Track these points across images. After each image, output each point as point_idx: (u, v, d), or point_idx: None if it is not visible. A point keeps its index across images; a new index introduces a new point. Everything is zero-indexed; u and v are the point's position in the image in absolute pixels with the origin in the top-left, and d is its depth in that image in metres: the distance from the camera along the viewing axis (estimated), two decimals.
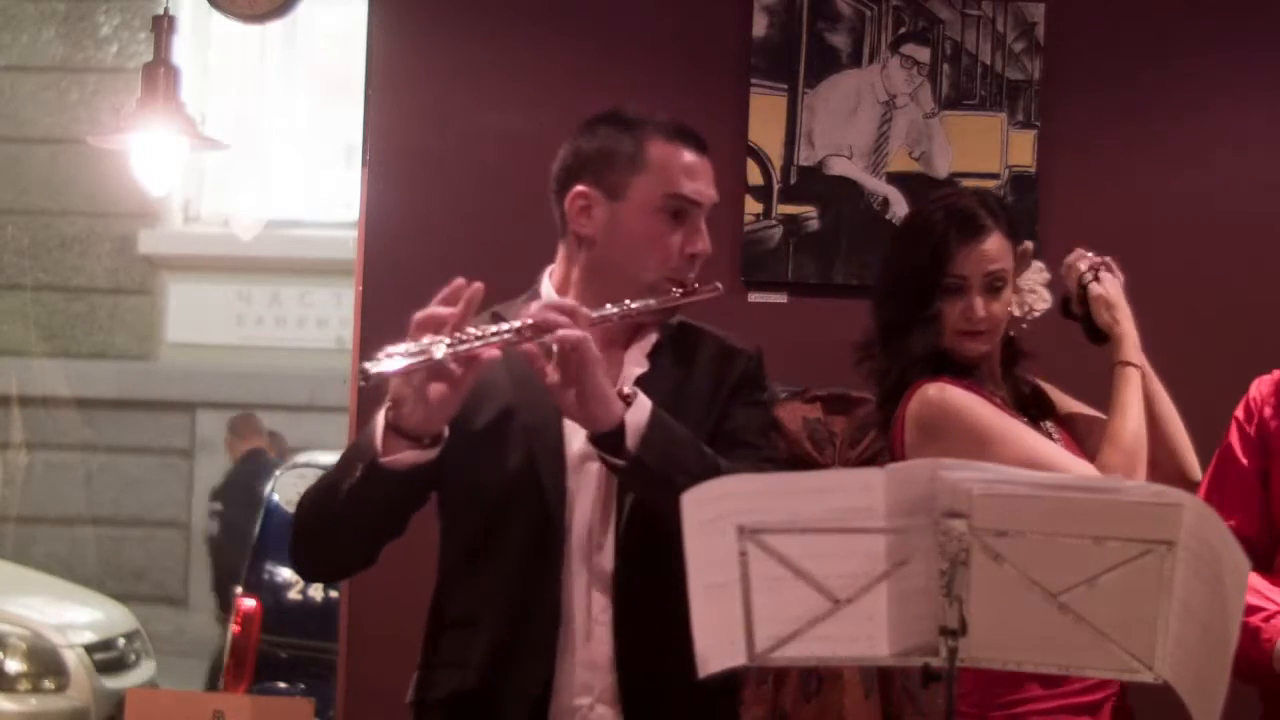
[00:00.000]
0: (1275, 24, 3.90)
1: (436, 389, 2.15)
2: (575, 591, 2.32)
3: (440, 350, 2.12)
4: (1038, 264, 2.73)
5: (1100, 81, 3.91)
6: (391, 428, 2.19)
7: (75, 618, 6.53)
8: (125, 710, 3.05)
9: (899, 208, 3.87)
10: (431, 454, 2.21)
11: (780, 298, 3.90)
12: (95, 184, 9.40)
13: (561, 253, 2.45)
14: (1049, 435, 2.67)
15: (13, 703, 6.01)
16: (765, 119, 3.89)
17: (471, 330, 2.17)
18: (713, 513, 1.91)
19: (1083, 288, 2.68)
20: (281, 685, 5.45)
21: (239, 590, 5.98)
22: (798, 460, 3.75)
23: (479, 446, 2.34)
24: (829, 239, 3.89)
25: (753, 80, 3.90)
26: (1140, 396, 2.59)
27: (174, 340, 10.68)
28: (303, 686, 5.33)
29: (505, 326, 2.19)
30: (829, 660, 2.38)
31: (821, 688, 3.60)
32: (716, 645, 1.94)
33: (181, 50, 4.67)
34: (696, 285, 2.41)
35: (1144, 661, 1.91)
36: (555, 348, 2.18)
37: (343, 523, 2.29)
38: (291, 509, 5.58)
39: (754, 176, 3.89)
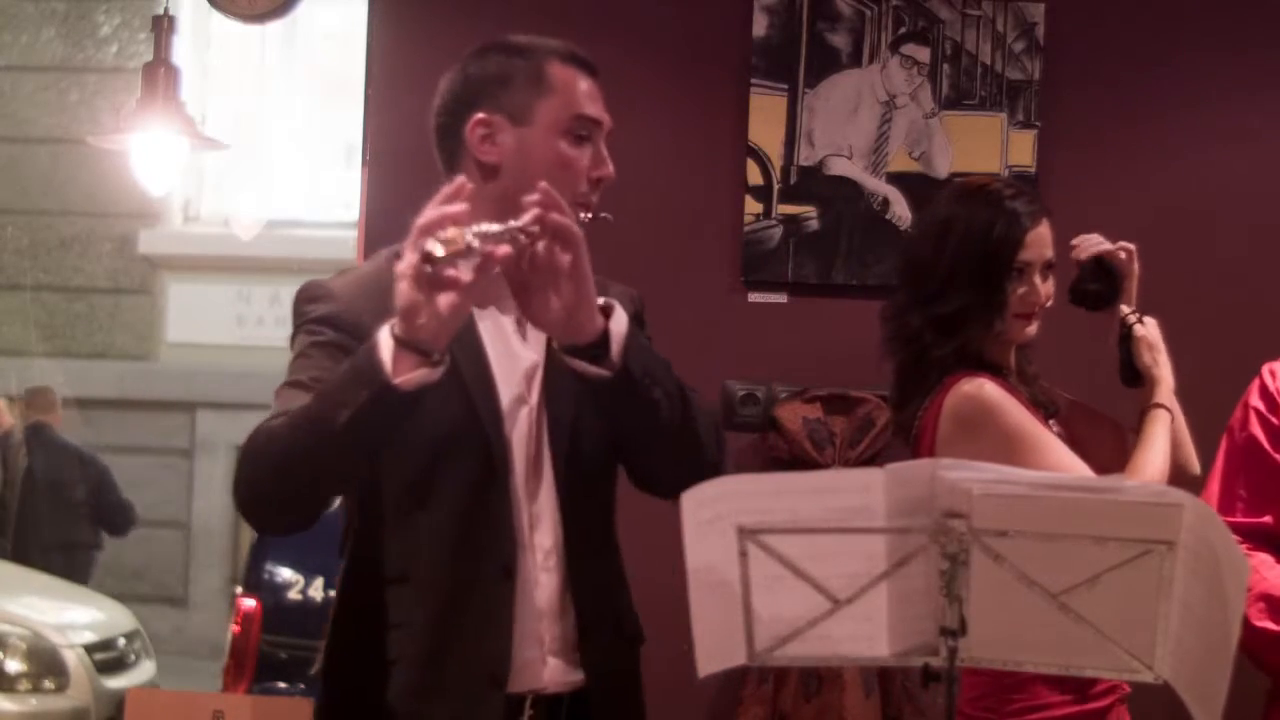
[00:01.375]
0: (1275, 24, 3.90)
1: (446, 297, 2.01)
2: (520, 538, 2.25)
3: (475, 240, 1.98)
4: None
5: (1100, 81, 3.91)
6: (402, 342, 2.03)
7: (75, 618, 6.53)
8: (125, 710, 3.05)
9: (899, 208, 3.87)
10: (439, 372, 2.05)
11: (780, 298, 3.90)
12: (95, 184, 9.40)
13: None
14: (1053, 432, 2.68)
15: (13, 703, 6.00)
16: (765, 119, 3.89)
17: (484, 227, 2.02)
18: (713, 513, 1.91)
19: (1127, 328, 2.71)
20: (281, 685, 5.44)
21: (239, 590, 5.97)
22: (798, 460, 3.75)
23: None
24: (829, 239, 3.89)
25: (753, 80, 3.90)
26: (1168, 438, 2.62)
27: (174, 340, 10.68)
28: (303, 686, 5.32)
29: (512, 224, 2.04)
30: (829, 660, 2.38)
31: (821, 688, 3.61)
32: (716, 645, 1.94)
33: (181, 50, 4.68)
34: (598, 214, 2.31)
35: (1144, 661, 1.91)
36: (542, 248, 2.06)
37: (327, 459, 2.12)
38: None
39: (754, 176, 3.89)
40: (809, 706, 3.60)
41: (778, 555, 1.90)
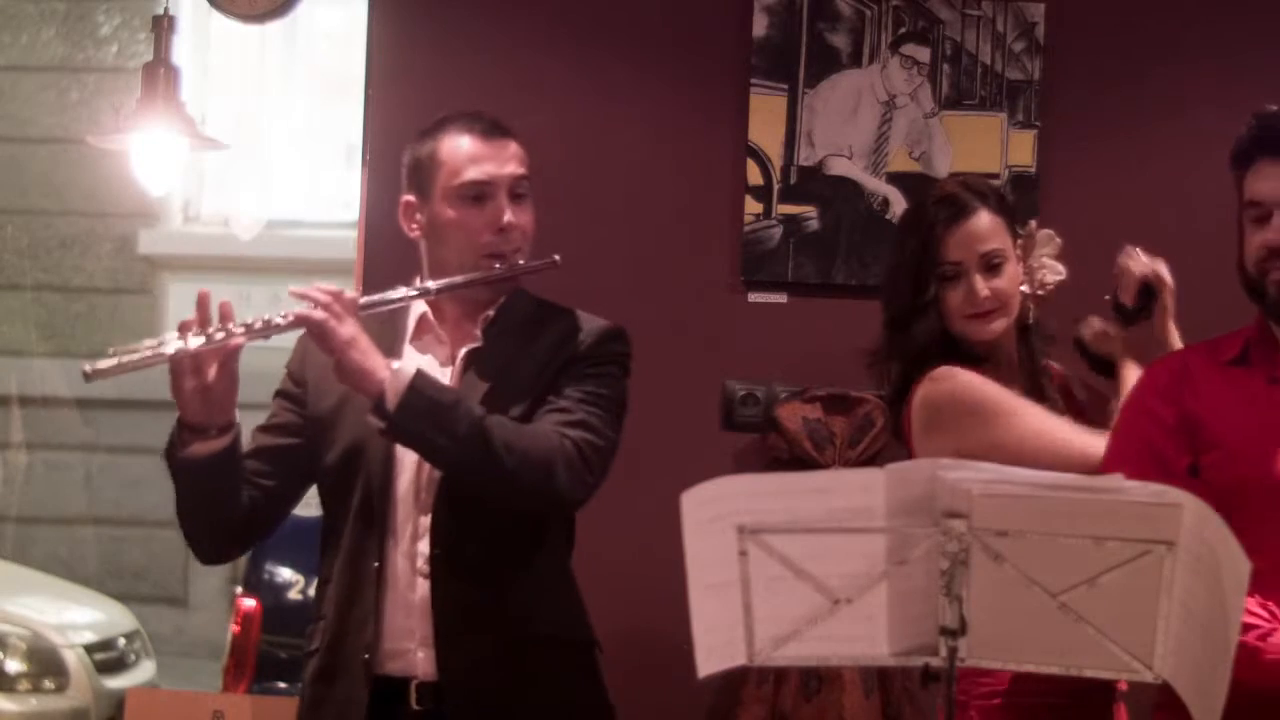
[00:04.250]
0: (1275, 23, 3.90)
1: (206, 383, 2.45)
2: (400, 545, 2.54)
3: (171, 347, 2.40)
4: (1046, 232, 2.76)
5: (1100, 81, 3.90)
6: (180, 423, 2.52)
7: (75, 618, 6.52)
8: (125, 710, 3.06)
9: (899, 208, 3.87)
10: (218, 444, 2.49)
11: (780, 298, 3.90)
12: (95, 184, 9.38)
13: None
14: None
15: (13, 703, 6.00)
16: (765, 119, 3.89)
17: (231, 327, 2.48)
18: (713, 513, 1.91)
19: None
20: (281, 685, 5.44)
21: (239, 590, 5.97)
22: (798, 460, 3.75)
23: (324, 429, 2.62)
24: (829, 239, 3.89)
25: (753, 80, 3.90)
26: None
27: None
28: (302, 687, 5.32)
29: (259, 319, 2.49)
30: (829, 660, 2.38)
31: (821, 688, 3.60)
32: (716, 645, 1.95)
33: (181, 50, 4.66)
34: (521, 261, 2.60)
35: (1144, 661, 1.91)
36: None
37: (188, 509, 2.62)
38: None
39: (754, 176, 3.89)
40: (809, 706, 3.60)
41: (778, 555, 1.90)
